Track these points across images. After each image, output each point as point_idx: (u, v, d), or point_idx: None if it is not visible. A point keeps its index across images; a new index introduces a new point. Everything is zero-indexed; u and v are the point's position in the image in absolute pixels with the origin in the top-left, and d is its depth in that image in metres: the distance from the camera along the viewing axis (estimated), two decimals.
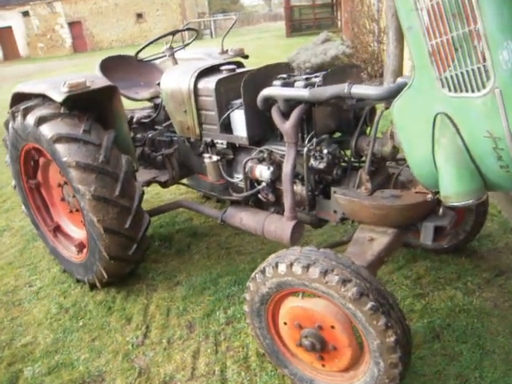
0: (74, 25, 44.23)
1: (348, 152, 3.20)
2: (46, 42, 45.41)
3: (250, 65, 4.18)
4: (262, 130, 3.39)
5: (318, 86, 2.90)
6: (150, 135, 4.36)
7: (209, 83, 3.45)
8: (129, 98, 4.42)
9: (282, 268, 2.42)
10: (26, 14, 44.75)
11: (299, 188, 3.28)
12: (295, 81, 3.13)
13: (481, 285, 3.65)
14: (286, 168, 3.04)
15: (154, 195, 6.24)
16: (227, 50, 4.79)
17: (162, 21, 40.88)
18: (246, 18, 65.84)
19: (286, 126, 2.98)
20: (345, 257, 2.35)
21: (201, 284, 4.10)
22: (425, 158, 2.33)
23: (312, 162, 3.02)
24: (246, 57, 4.87)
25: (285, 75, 3.19)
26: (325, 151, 2.94)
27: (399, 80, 2.57)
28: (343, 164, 3.17)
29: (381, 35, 12.09)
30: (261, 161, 3.26)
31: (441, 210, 2.81)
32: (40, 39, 45.59)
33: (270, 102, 3.13)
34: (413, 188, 2.96)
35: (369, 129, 3.21)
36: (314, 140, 2.97)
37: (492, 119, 1.96)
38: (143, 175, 4.45)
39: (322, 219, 3.35)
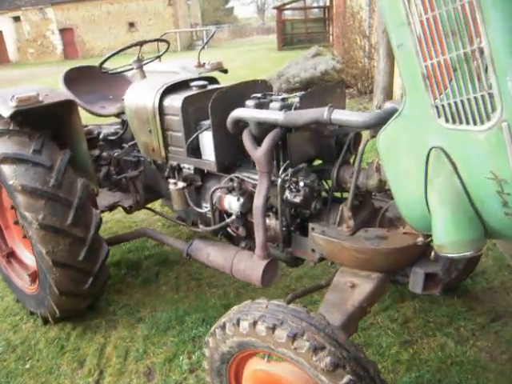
0: (65, 31, 43.85)
1: (330, 182, 2.83)
2: (37, 47, 44.93)
3: (240, 78, 3.79)
4: (233, 155, 3.02)
5: (295, 108, 2.53)
6: (115, 154, 3.95)
7: (175, 101, 3.08)
8: (93, 113, 4.03)
9: (245, 326, 2.02)
10: (17, 19, 44.32)
11: (273, 222, 2.89)
12: (271, 101, 2.77)
13: (475, 331, 3.28)
14: (258, 201, 2.66)
15: (126, 215, 5.81)
16: (204, 64, 4.43)
17: (153, 30, 40.60)
18: (239, 30, 66.05)
19: (258, 153, 2.60)
20: (318, 316, 1.96)
21: (165, 322, 3.67)
22: (415, 198, 1.97)
23: (287, 194, 2.64)
24: (225, 71, 4.51)
25: (259, 94, 2.82)
26: (302, 183, 2.57)
27: (388, 105, 2.21)
28: (324, 195, 2.79)
29: (371, 51, 11.89)
30: (230, 190, 2.88)
31: (432, 254, 2.43)
32: (30, 45, 45.11)
33: (240, 124, 2.76)
34: (401, 227, 2.59)
35: (353, 157, 2.84)
36: (290, 170, 2.59)
37: (497, 158, 1.60)
38: (107, 198, 4.04)
39: (299, 258, 2.96)
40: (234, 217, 2.91)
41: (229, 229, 3.06)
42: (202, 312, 3.75)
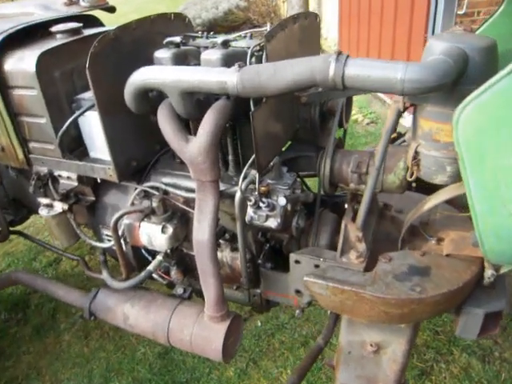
0: None
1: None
2: None
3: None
4: (146, 149, 1.77)
5: (257, 59, 1.36)
6: None
7: (24, 61, 1.71)
8: None
9: None
10: None
11: (228, 254, 1.75)
12: (202, 48, 1.56)
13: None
14: (201, 232, 1.49)
15: None
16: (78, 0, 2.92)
17: None
18: None
19: (192, 148, 1.40)
20: None
21: None
22: None
23: (252, 215, 1.49)
24: (112, 9, 3.04)
25: (178, 37, 1.56)
26: (279, 198, 1.44)
27: (449, 45, 1.12)
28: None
29: None
30: (147, 214, 1.64)
31: (487, 277, 1.52)
32: None
33: (151, 96, 1.52)
34: (431, 237, 1.63)
35: (339, 132, 1.75)
36: (254, 174, 1.43)
37: None
38: None
39: (273, 301, 1.88)
40: (159, 258, 1.71)
41: (154, 274, 1.85)
42: (128, 373, 2.57)
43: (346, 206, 1.73)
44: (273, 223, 1.48)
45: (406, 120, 5.53)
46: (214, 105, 1.39)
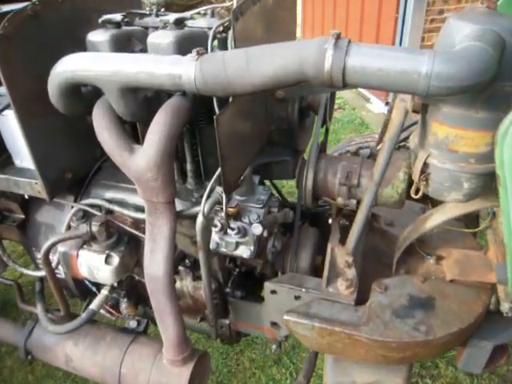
0: None
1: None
2: None
3: None
4: (83, 155, 1.42)
5: (222, 45, 1.05)
6: None
7: None
8: None
9: None
10: None
11: (189, 284, 1.44)
12: (147, 28, 1.23)
13: None
14: (154, 267, 1.17)
15: None
16: None
17: None
18: None
19: (138, 161, 1.06)
20: None
21: None
22: None
23: (217, 240, 1.19)
24: None
25: (118, 15, 1.21)
26: (254, 225, 1.14)
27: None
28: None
29: None
30: (87, 241, 1.30)
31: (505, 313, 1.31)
32: None
33: (85, 92, 1.17)
34: (428, 255, 1.39)
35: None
36: (220, 192, 1.12)
37: None
38: None
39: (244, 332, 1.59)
40: (104, 292, 1.38)
41: (102, 310, 1.51)
42: None
43: (330, 221, 1.45)
44: (244, 252, 1.18)
45: (374, 106, 5.34)
46: (166, 104, 1.06)
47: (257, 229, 1.11)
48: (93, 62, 1.04)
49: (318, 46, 0.79)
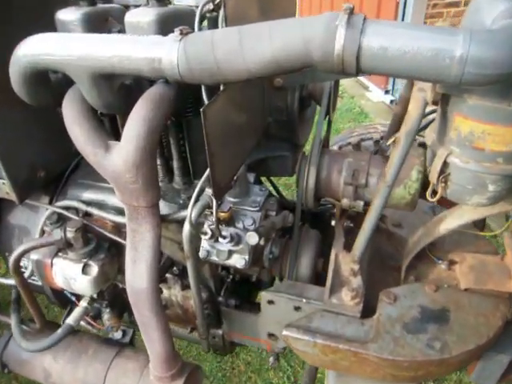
0: None
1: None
2: None
3: None
4: (57, 150, 1.27)
5: (217, 23, 0.90)
6: None
7: None
8: None
9: None
10: None
11: (178, 293, 1.31)
12: (127, 7, 1.08)
13: None
14: (137, 279, 1.03)
15: None
16: None
17: None
18: None
19: (115, 160, 0.92)
20: None
21: None
22: None
23: (208, 248, 1.05)
24: None
25: None
26: (245, 230, 1.00)
27: None
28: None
29: None
30: (62, 249, 1.16)
31: None
32: None
33: (54, 79, 1.01)
34: (440, 260, 1.27)
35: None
36: (209, 196, 0.98)
37: None
38: None
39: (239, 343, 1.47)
40: (83, 305, 1.24)
41: (83, 322, 1.37)
42: None
43: (333, 223, 1.32)
44: (238, 262, 1.05)
45: (373, 94, 5.13)
46: (146, 93, 0.91)
47: (252, 238, 0.97)
48: (58, 44, 0.89)
49: (326, 24, 0.65)
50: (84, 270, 1.14)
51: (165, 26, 0.94)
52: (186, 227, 0.98)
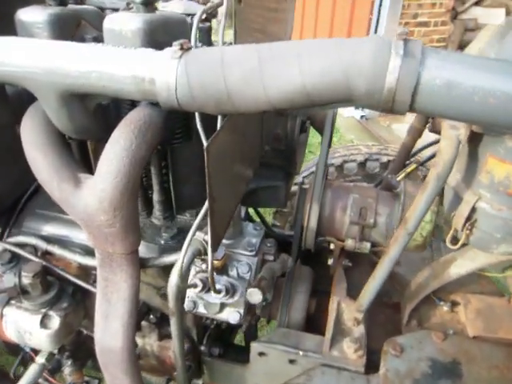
0: None
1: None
2: None
3: None
4: (12, 175, 1.07)
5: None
6: None
7: None
8: None
9: None
10: None
11: (153, 343, 1.13)
12: (103, 10, 0.91)
13: None
14: (109, 337, 0.85)
15: None
16: None
17: None
18: None
19: (88, 199, 0.74)
20: None
21: None
22: None
23: (195, 299, 0.89)
24: None
25: None
26: (240, 269, 0.86)
27: None
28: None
29: None
30: (14, 297, 0.95)
31: None
32: None
33: (12, 95, 0.83)
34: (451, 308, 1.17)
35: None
36: (200, 237, 0.82)
37: None
38: None
39: None
40: (40, 361, 1.03)
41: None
42: None
43: (331, 263, 1.19)
44: (232, 316, 0.89)
45: (344, 110, 5.02)
46: (129, 117, 0.74)
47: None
48: (19, 52, 0.71)
49: (375, 50, 0.52)
50: (43, 323, 0.94)
51: (153, 37, 0.78)
52: (174, 280, 0.81)
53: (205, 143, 0.61)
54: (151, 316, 1.08)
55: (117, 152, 0.72)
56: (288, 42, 0.59)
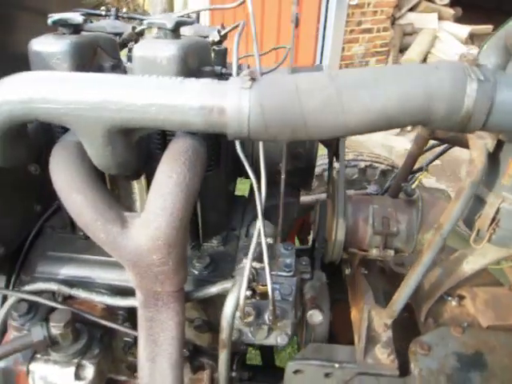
0: None
1: None
2: None
3: None
4: (16, 216, 0.99)
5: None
6: None
7: None
8: None
9: None
10: None
11: (185, 376, 1.08)
12: (116, 35, 0.88)
13: None
14: (160, 378, 0.81)
15: None
16: None
17: None
18: None
19: (137, 239, 0.71)
20: None
21: None
22: None
23: (241, 327, 0.87)
24: None
25: (78, 14, 0.82)
26: (282, 292, 0.87)
27: None
28: None
29: None
30: (38, 351, 0.88)
31: None
32: None
33: (25, 132, 0.77)
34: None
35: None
36: (249, 265, 0.80)
37: None
38: None
39: None
40: None
41: None
42: None
43: (348, 272, 1.21)
44: (280, 339, 0.89)
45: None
46: (175, 149, 0.72)
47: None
48: (60, 87, 0.66)
49: (454, 74, 0.54)
50: (77, 375, 0.88)
51: (186, 63, 0.76)
52: (229, 311, 0.79)
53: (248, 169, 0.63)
54: (184, 350, 1.04)
55: (170, 187, 0.69)
56: (359, 70, 0.60)
